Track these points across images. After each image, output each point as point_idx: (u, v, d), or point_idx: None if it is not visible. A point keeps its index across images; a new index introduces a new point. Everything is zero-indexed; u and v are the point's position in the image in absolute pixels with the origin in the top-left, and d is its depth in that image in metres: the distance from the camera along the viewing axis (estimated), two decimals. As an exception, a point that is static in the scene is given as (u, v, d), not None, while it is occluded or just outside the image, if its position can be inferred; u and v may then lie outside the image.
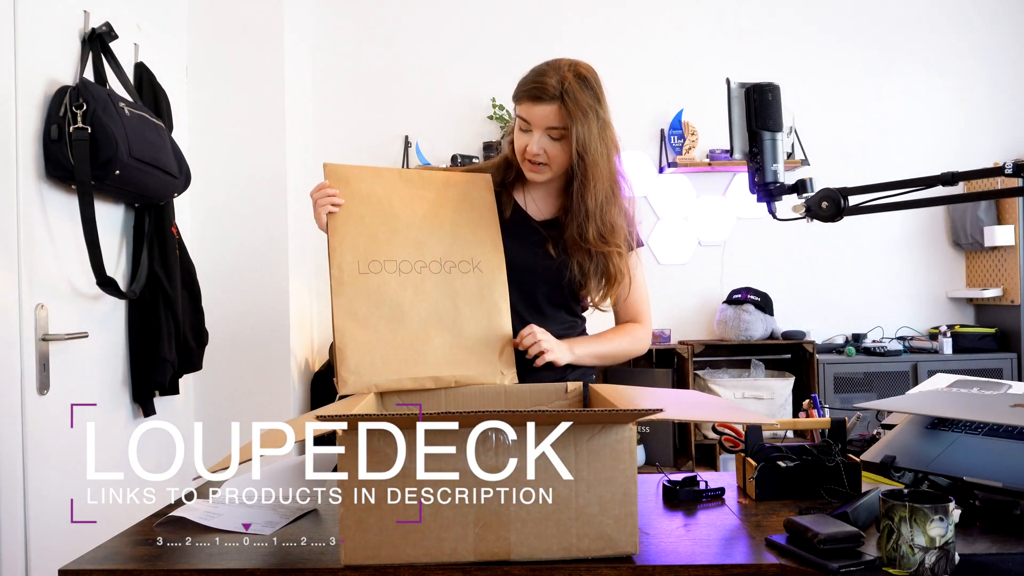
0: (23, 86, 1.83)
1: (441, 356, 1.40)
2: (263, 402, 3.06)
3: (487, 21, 3.84)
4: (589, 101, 1.46)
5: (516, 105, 1.52)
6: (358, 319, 1.39)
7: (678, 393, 2.30)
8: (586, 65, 1.52)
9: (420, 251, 1.45)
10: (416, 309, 1.42)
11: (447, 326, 1.43)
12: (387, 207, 1.47)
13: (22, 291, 1.83)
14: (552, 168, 1.51)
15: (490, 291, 1.47)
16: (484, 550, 1.01)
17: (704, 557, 1.04)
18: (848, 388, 3.58)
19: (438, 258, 1.46)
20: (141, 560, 1.05)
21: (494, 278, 1.48)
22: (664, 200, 3.85)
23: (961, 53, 3.94)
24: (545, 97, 1.45)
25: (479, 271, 1.47)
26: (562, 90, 1.44)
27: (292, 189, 3.20)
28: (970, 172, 1.24)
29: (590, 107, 1.45)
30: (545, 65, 1.50)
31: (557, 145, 1.48)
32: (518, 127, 1.52)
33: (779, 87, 1.35)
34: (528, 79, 1.49)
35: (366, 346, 1.37)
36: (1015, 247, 3.55)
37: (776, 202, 1.37)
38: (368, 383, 1.36)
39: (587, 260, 1.53)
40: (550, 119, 1.46)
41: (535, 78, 1.47)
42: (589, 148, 1.45)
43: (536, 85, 1.46)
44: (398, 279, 1.42)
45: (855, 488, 1.29)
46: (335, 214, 1.44)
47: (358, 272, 1.41)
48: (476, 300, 1.46)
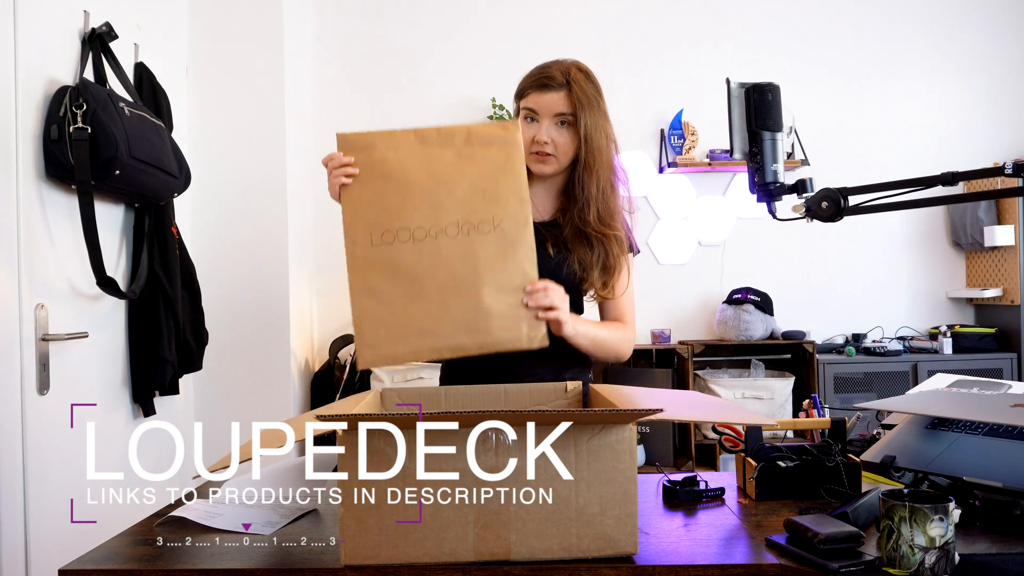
0: (23, 86, 1.83)
1: (460, 324, 1.36)
2: (263, 402, 3.06)
3: (487, 21, 3.83)
4: (592, 93, 1.52)
5: (521, 100, 1.55)
6: (373, 293, 1.36)
7: (678, 393, 2.30)
8: (586, 65, 1.57)
9: (436, 215, 1.39)
10: (433, 277, 1.37)
11: (466, 292, 1.37)
12: (400, 172, 1.41)
13: (22, 291, 1.83)
14: (559, 159, 1.53)
15: (513, 251, 1.39)
16: (484, 550, 1.01)
17: (704, 557, 1.04)
18: (848, 388, 3.58)
19: (455, 220, 1.38)
20: (141, 560, 1.05)
21: (518, 236, 1.39)
22: (664, 200, 3.85)
23: (961, 53, 3.93)
24: (553, 85, 1.51)
25: (501, 230, 1.38)
26: (568, 78, 1.51)
27: (292, 189, 3.20)
28: (970, 172, 1.24)
29: (594, 98, 1.52)
30: (548, 61, 1.56)
31: (564, 133, 1.52)
32: (524, 119, 1.54)
33: (779, 87, 1.35)
34: (533, 73, 1.55)
35: (382, 320, 1.35)
36: (1015, 247, 3.55)
37: (776, 202, 1.37)
38: (386, 355, 1.35)
39: (588, 253, 1.53)
40: (558, 105, 1.50)
41: (541, 71, 1.54)
42: (593, 135, 1.50)
43: (543, 75, 1.52)
44: (412, 248, 1.38)
45: (855, 488, 1.29)
46: (348, 185, 1.40)
47: (371, 244, 1.37)
48: (498, 262, 1.38)
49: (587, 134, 1.50)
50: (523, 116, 1.54)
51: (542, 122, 1.51)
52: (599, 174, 1.52)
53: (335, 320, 3.63)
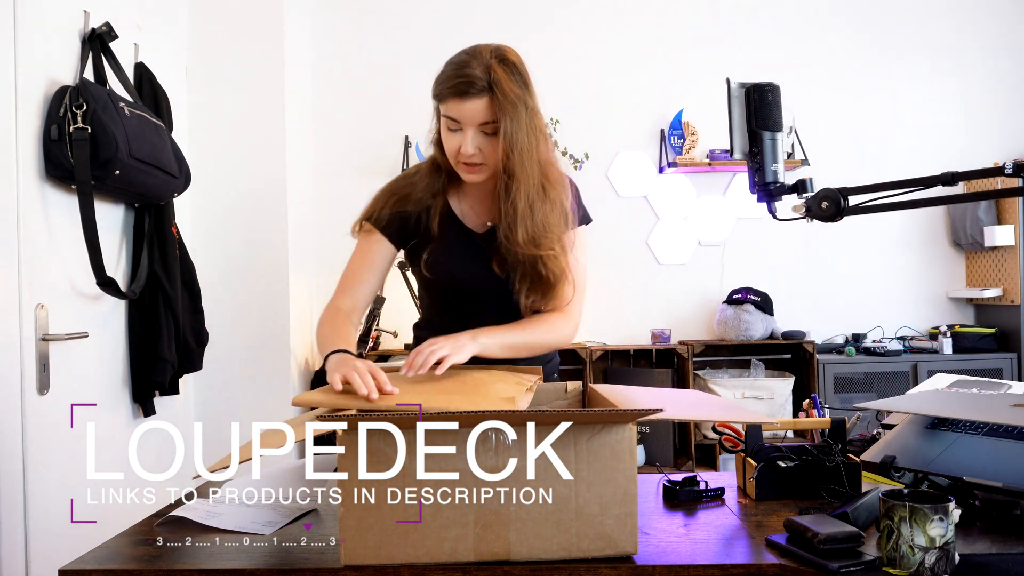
0: (23, 86, 1.83)
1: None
2: (263, 402, 3.06)
3: (486, 20, 3.83)
4: (517, 91, 1.34)
5: (440, 104, 1.38)
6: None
7: (678, 393, 2.30)
8: (507, 47, 1.39)
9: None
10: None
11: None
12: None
13: (22, 291, 1.83)
14: (490, 166, 1.40)
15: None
16: (484, 550, 1.01)
17: (704, 557, 1.04)
18: (848, 388, 3.58)
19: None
20: (141, 560, 1.05)
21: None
22: (664, 200, 3.85)
23: (961, 53, 3.93)
24: (472, 91, 1.32)
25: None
26: (489, 81, 1.32)
27: (292, 189, 3.20)
28: (970, 172, 1.24)
29: (519, 97, 1.34)
30: (465, 55, 1.37)
31: (493, 140, 1.36)
32: (445, 127, 1.39)
33: (779, 87, 1.35)
34: (449, 74, 1.36)
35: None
36: (1015, 247, 3.54)
37: (776, 202, 1.37)
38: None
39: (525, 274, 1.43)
40: (482, 114, 1.34)
41: (458, 72, 1.34)
42: (517, 143, 1.34)
43: (461, 80, 1.33)
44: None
45: (855, 488, 1.29)
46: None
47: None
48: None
49: (510, 144, 1.34)
50: (443, 124, 1.39)
51: (467, 131, 1.36)
52: (526, 184, 1.37)
53: (335, 320, 3.62)
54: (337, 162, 3.72)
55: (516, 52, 1.39)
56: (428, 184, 1.50)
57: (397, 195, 1.51)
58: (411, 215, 1.50)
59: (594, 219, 1.61)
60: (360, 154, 3.75)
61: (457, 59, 1.37)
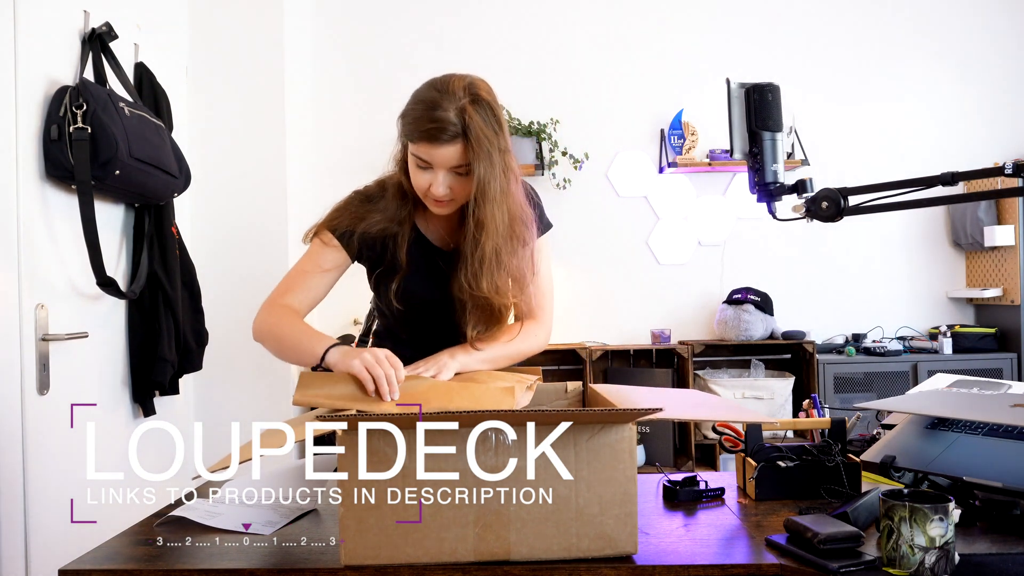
0: (23, 86, 1.83)
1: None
2: (263, 402, 3.05)
3: (486, 21, 3.83)
4: (491, 135, 1.30)
5: (409, 143, 1.34)
6: None
7: (678, 393, 2.30)
8: (479, 82, 1.35)
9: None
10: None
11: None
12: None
13: (22, 291, 1.83)
14: (459, 201, 1.37)
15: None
16: (484, 550, 1.01)
17: (704, 557, 1.04)
18: (848, 388, 3.58)
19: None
20: (141, 560, 1.05)
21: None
22: (664, 200, 3.85)
23: (961, 53, 3.93)
24: (445, 137, 1.28)
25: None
26: (463, 125, 1.28)
27: (292, 188, 3.20)
28: (970, 172, 1.24)
29: (492, 143, 1.30)
30: (435, 92, 1.31)
31: (464, 180, 1.33)
32: (414, 164, 1.34)
33: (779, 87, 1.35)
34: (421, 116, 1.30)
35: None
36: (1015, 247, 3.55)
37: (776, 202, 1.37)
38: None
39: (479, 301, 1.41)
40: (454, 159, 1.31)
41: (429, 114, 1.28)
42: (489, 191, 1.31)
43: (434, 126, 1.28)
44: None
45: (855, 488, 1.29)
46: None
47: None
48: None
49: (481, 189, 1.30)
50: (412, 160, 1.35)
51: (437, 173, 1.32)
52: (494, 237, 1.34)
53: (335, 320, 3.62)
54: (337, 162, 3.72)
55: (488, 86, 1.35)
56: (395, 211, 1.45)
57: (362, 218, 1.46)
58: (376, 240, 1.46)
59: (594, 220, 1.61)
60: (360, 154, 3.74)
61: (428, 97, 1.31)
